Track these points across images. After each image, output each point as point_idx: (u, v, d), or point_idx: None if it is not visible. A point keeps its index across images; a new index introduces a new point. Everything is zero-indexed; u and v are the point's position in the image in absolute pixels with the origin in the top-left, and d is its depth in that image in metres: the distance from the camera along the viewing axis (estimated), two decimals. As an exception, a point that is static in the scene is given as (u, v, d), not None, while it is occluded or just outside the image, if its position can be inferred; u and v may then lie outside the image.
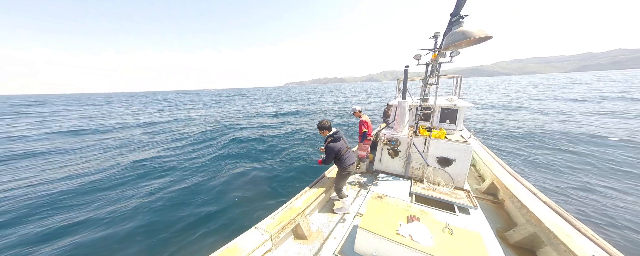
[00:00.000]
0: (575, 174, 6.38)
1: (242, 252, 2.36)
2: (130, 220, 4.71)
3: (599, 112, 14.88)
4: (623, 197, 5.10)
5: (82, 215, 4.89)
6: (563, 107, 18.23)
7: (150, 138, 12.55)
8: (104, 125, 17.42)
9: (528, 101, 22.97)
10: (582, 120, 12.74)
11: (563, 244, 2.40)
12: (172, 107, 35.69)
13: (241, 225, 4.47)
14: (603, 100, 20.52)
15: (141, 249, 3.97)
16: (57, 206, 5.23)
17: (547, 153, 8.10)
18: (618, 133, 9.76)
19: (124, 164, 8.00)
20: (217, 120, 18.83)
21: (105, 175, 7.08)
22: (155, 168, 7.63)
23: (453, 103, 4.88)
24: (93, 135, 13.85)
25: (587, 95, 24.69)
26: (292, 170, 7.39)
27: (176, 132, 14.04)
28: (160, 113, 26.42)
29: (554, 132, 10.56)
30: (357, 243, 2.46)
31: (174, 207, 5.19)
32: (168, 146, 10.70)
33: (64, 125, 18.06)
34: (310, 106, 28.78)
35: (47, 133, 14.58)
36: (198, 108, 30.66)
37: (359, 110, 4.93)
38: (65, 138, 12.86)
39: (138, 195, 5.77)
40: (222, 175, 6.95)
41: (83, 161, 8.67)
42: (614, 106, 16.92)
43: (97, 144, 11.41)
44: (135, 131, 14.97)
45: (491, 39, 2.61)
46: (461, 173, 4.00)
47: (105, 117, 23.70)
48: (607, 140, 8.91)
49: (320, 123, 3.46)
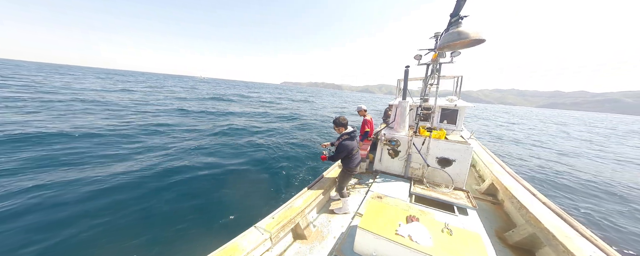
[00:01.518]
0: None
1: (241, 251, 2.37)
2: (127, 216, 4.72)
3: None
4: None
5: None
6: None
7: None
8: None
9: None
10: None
11: (562, 245, 2.41)
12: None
13: (240, 224, 4.47)
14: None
15: (137, 249, 3.97)
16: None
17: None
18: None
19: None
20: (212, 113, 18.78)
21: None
22: (153, 166, 7.63)
23: (453, 103, 4.89)
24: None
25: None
26: (292, 169, 7.40)
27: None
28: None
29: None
30: (357, 243, 2.47)
31: (171, 205, 5.19)
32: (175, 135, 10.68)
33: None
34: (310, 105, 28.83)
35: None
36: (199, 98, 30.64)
37: (365, 110, 4.94)
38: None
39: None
40: (221, 173, 6.95)
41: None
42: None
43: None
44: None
45: (485, 44, 2.63)
46: (461, 173, 4.00)
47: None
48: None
49: (338, 120, 3.36)
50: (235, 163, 7.90)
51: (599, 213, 6.21)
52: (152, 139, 9.75)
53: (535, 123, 37.65)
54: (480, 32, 2.56)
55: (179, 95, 30.53)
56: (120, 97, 22.14)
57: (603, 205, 6.79)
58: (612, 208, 6.57)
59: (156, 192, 5.68)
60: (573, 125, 40.97)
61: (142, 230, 4.40)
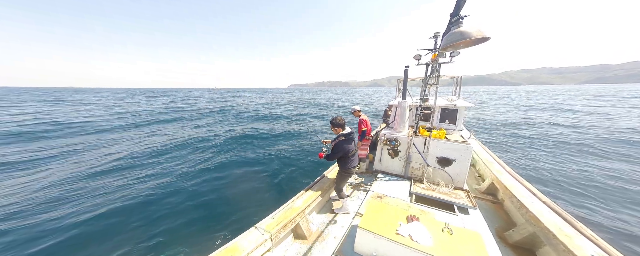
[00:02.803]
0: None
1: (241, 252, 2.37)
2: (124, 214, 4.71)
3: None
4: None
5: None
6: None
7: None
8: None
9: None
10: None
11: (562, 244, 2.41)
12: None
13: (241, 224, 4.47)
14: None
15: (133, 248, 3.96)
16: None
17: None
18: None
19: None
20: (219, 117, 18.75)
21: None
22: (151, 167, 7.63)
23: (453, 103, 4.89)
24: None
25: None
26: (292, 168, 7.39)
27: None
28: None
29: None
30: (357, 243, 2.47)
31: (170, 206, 5.19)
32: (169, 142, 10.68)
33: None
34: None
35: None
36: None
37: (359, 110, 5.03)
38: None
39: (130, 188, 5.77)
40: (220, 173, 6.95)
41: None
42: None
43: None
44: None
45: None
46: (461, 173, 4.00)
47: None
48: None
49: (335, 120, 3.32)
50: (235, 163, 7.91)
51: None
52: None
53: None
54: (482, 30, 2.56)
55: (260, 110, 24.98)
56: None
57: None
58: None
59: (156, 192, 5.68)
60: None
61: (142, 230, 4.40)
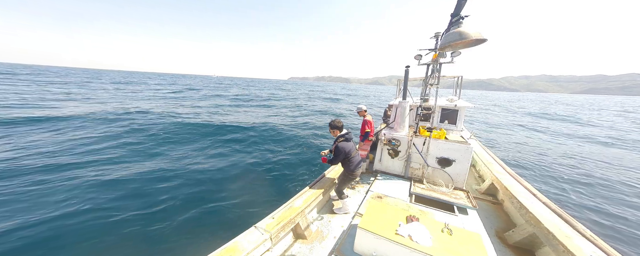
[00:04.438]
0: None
1: (241, 251, 2.37)
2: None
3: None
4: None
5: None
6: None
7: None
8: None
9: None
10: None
11: (562, 244, 2.41)
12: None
13: (241, 224, 4.47)
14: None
15: (133, 245, 3.96)
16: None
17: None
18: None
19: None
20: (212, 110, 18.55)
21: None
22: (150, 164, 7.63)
23: (453, 103, 4.89)
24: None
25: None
26: (292, 168, 7.39)
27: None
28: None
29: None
30: (357, 243, 2.47)
31: (168, 205, 5.19)
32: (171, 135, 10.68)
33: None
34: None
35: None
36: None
37: (365, 110, 4.96)
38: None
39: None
40: (220, 173, 6.95)
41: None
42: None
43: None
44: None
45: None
46: (461, 173, 4.01)
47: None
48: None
49: (333, 123, 3.40)
50: (235, 164, 7.90)
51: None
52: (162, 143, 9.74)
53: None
54: (481, 32, 2.57)
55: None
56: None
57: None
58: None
59: (155, 192, 5.69)
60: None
61: (142, 230, 4.40)
